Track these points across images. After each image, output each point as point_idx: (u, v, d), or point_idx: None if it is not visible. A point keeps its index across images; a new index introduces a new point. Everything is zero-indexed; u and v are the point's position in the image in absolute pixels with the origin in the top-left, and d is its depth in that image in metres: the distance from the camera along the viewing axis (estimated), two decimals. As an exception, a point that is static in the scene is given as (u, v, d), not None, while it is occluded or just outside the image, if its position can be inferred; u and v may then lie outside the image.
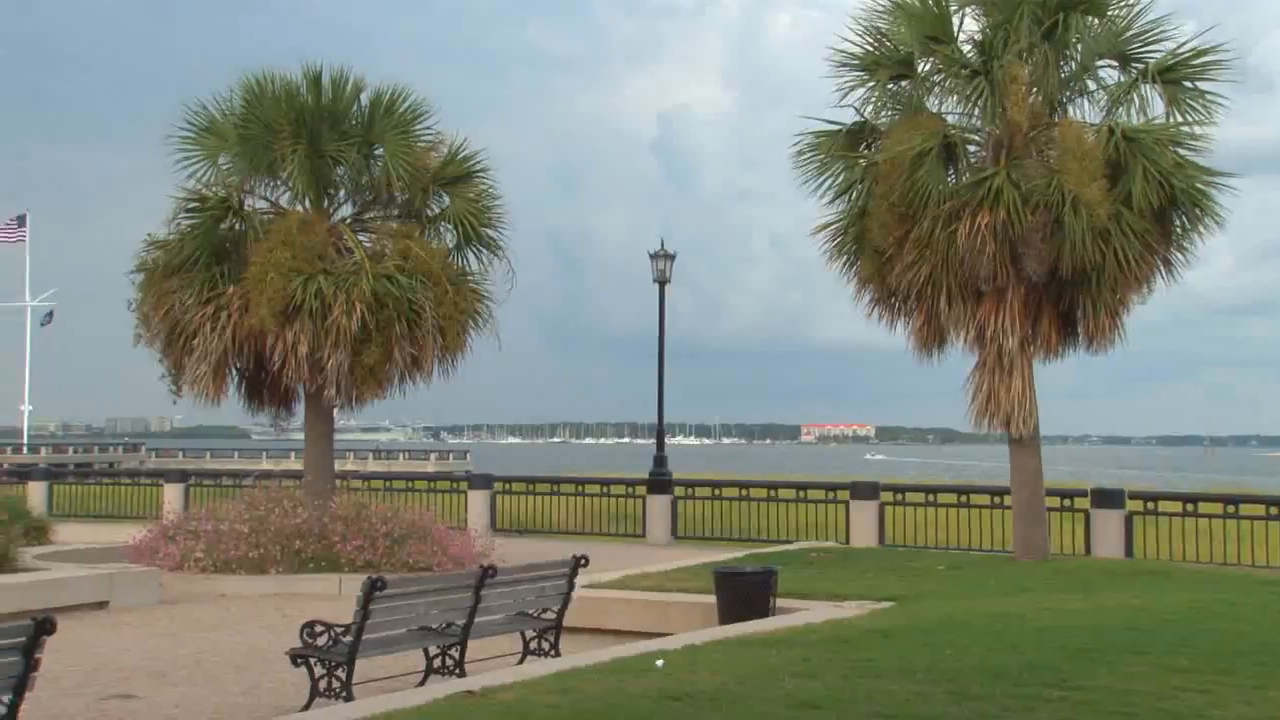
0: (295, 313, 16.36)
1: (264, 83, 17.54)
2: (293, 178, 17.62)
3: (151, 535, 17.20)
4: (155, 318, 17.34)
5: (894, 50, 16.41)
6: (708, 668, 8.20)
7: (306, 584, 15.66)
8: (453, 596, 9.73)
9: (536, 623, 10.73)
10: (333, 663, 8.87)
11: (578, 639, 11.81)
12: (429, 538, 16.62)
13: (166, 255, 17.32)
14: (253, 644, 12.18)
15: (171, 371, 17.60)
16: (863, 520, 20.32)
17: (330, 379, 16.62)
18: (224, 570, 15.92)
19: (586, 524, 23.31)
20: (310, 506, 16.86)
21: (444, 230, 18.46)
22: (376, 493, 22.71)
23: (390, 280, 16.75)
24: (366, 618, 8.83)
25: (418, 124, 18.07)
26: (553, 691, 7.42)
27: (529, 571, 10.90)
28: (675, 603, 12.76)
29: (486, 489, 23.78)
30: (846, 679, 7.71)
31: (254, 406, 18.70)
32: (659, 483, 23.10)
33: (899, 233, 15.74)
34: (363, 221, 18.51)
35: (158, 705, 9.45)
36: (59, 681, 10.00)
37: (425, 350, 17.20)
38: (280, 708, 9.30)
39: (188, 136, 17.76)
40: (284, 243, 16.55)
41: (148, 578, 15.22)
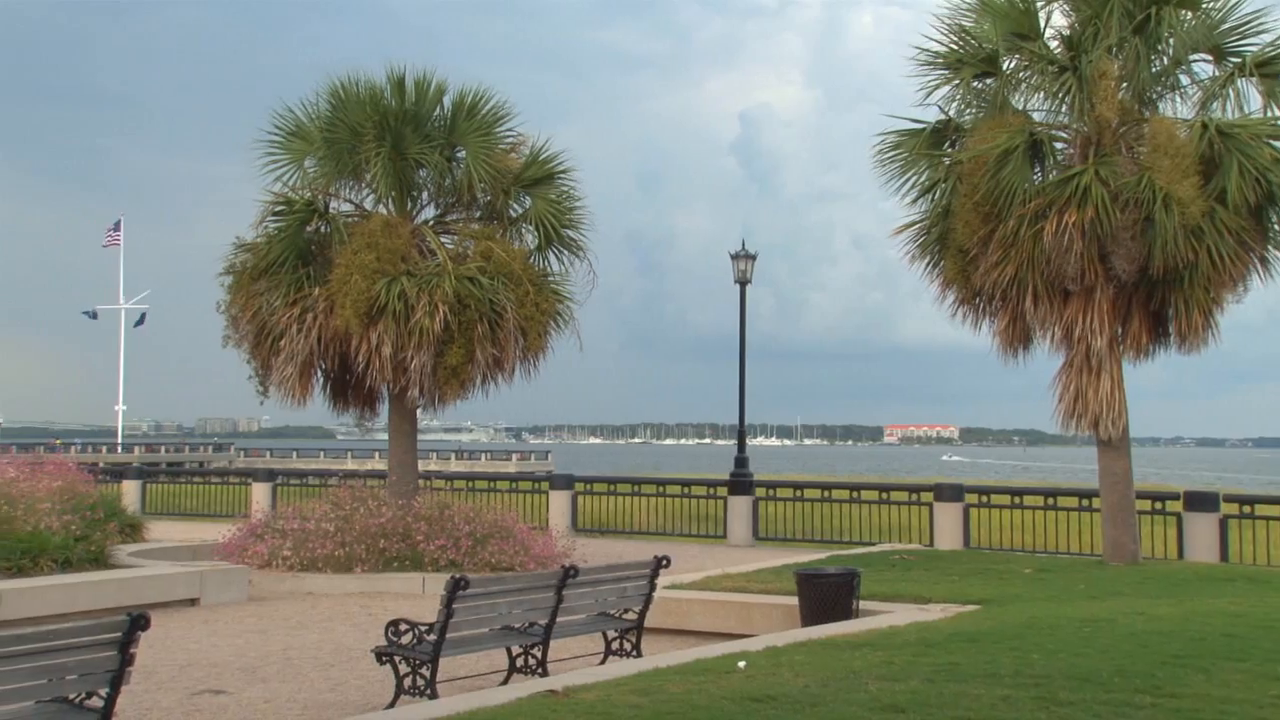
0: (379, 314, 16.54)
1: (349, 86, 17.77)
2: (376, 180, 17.83)
3: (240, 534, 17.50)
4: (243, 319, 17.64)
5: (979, 48, 16.20)
6: (790, 670, 8.14)
7: (390, 583, 15.83)
8: (535, 596, 9.77)
9: (618, 623, 10.73)
10: (417, 661, 8.95)
11: (659, 640, 11.81)
12: (511, 537, 16.72)
13: (254, 258, 17.61)
14: (339, 641, 12.33)
15: (259, 372, 17.88)
16: (947, 522, 20.08)
17: (413, 379, 16.78)
18: (310, 568, 16.14)
19: (667, 525, 23.31)
20: (394, 506, 17.04)
21: (525, 231, 18.55)
22: (459, 493, 22.96)
23: (472, 281, 16.88)
24: (450, 617, 8.89)
25: (499, 126, 18.20)
26: (635, 692, 7.41)
27: (611, 572, 10.90)
28: (757, 604, 12.69)
29: (568, 489, 23.87)
30: (931, 683, 7.60)
31: (339, 407, 18.95)
32: (740, 483, 23.02)
33: (984, 232, 15.53)
34: (445, 223, 18.67)
35: (248, 701, 9.60)
36: (153, 675, 10.22)
37: (507, 351, 17.29)
38: (366, 705, 9.40)
39: (275, 140, 18.06)
40: (368, 245, 16.74)
41: (237, 575, 15.48)
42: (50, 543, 14.69)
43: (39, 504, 15.46)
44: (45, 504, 15.58)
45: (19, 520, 14.81)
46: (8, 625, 11.88)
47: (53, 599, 13.04)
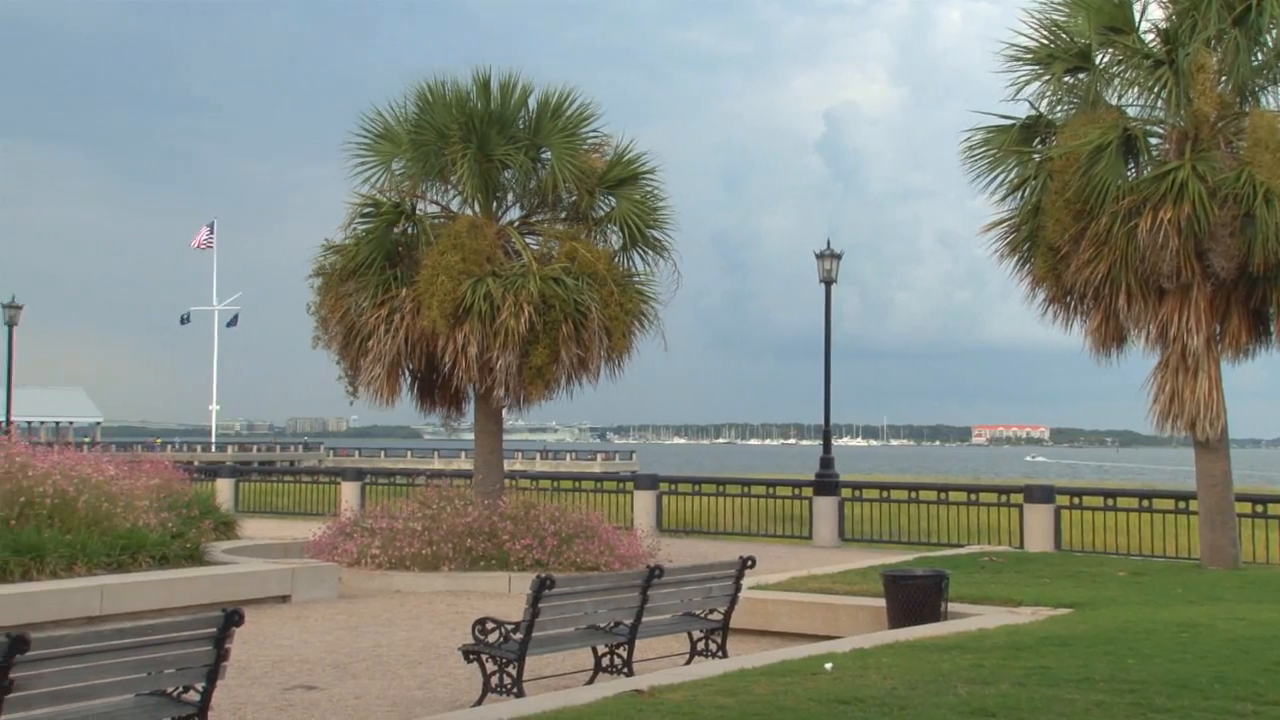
0: (465, 315, 16.67)
1: (436, 89, 17.94)
2: (462, 181, 17.98)
3: (330, 532, 17.76)
4: (332, 320, 17.88)
5: (1070, 42, 15.92)
6: (878, 672, 8.05)
7: (477, 581, 15.96)
8: (620, 596, 9.78)
9: (703, 623, 10.71)
10: (503, 659, 9.00)
11: (744, 640, 11.77)
12: (596, 537, 16.77)
13: (343, 259, 17.84)
14: (426, 639, 12.45)
15: (348, 373, 18.11)
16: (1038, 524, 19.75)
17: (499, 380, 16.89)
18: (398, 566, 16.33)
19: (752, 525, 23.22)
20: (480, 505, 17.18)
21: (610, 232, 18.59)
22: (544, 492, 23.08)
23: (557, 282, 16.95)
24: (536, 616, 8.93)
25: (584, 127, 18.25)
26: (721, 692, 7.39)
27: (696, 572, 10.88)
28: (843, 605, 12.59)
29: (652, 489, 23.88)
30: (1022, 687, 7.48)
31: (425, 407, 19.12)
32: (826, 484, 22.86)
33: (1075, 230, 15.25)
34: (530, 224, 18.78)
35: (338, 697, 9.74)
36: (247, 671, 10.40)
37: (591, 351, 17.33)
38: (454, 702, 9.49)
39: (364, 143, 18.28)
40: (454, 246, 16.88)
41: (327, 573, 15.71)
42: (148, 539, 15.01)
43: (137, 501, 15.80)
44: (143, 501, 15.93)
45: (118, 517, 15.16)
46: (108, 620, 12.20)
47: (150, 595, 13.34)
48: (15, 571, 13.29)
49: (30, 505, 14.44)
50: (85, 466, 15.98)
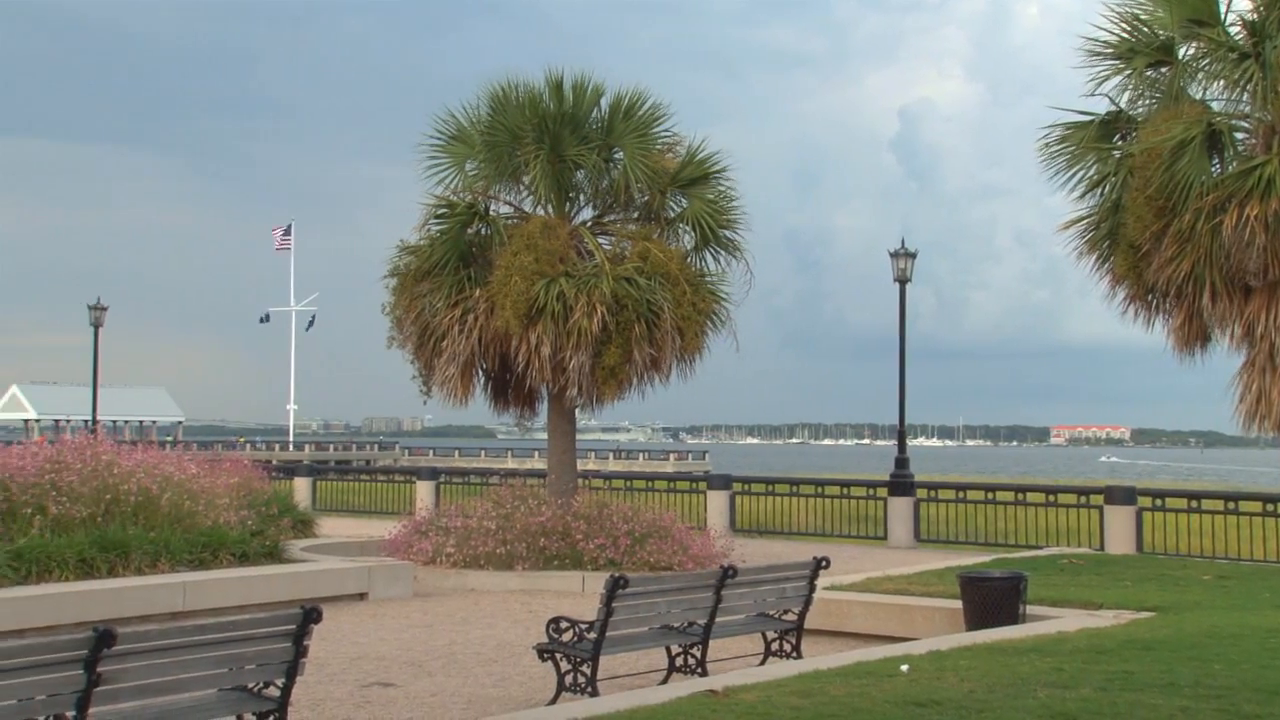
0: (538, 315, 16.74)
1: (509, 90, 18.03)
2: (535, 182, 18.07)
3: (405, 531, 17.92)
4: (407, 321, 18.04)
5: (1153, 36, 15.63)
6: (955, 674, 7.96)
7: (551, 580, 16.02)
8: (694, 596, 9.76)
9: (777, 624, 10.66)
10: (577, 658, 9.03)
11: (819, 641, 11.70)
12: (669, 537, 16.75)
13: (417, 260, 18.00)
14: (501, 638, 12.53)
15: (422, 373, 18.26)
16: (1119, 525, 19.41)
17: (572, 379, 16.94)
18: (473, 565, 16.44)
19: (826, 525, 23.07)
20: (554, 505, 17.24)
21: (682, 232, 18.57)
22: (617, 492, 23.08)
23: (630, 282, 16.96)
24: (609, 615, 8.94)
25: (656, 126, 18.25)
26: (795, 693, 7.34)
27: (770, 572, 10.83)
28: (919, 607, 12.46)
29: (726, 489, 23.82)
30: (1104, 691, 7.35)
31: (499, 407, 19.23)
32: (901, 484, 22.65)
33: (1157, 227, 14.96)
34: (602, 224, 18.82)
35: (415, 694, 9.82)
36: (325, 667, 10.53)
37: (664, 351, 17.32)
38: (528, 700, 9.53)
39: (437, 145, 18.43)
40: (527, 246, 16.96)
41: (403, 571, 15.86)
42: (228, 537, 15.27)
43: (218, 500, 16.08)
44: (224, 500, 16.21)
45: (200, 515, 15.44)
46: (190, 616, 12.42)
47: (231, 591, 13.56)
48: (102, 568, 13.58)
49: (116, 503, 14.75)
50: (168, 465, 16.29)
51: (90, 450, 15.54)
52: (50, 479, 14.59)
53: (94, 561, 13.57)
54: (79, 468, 14.94)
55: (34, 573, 12.99)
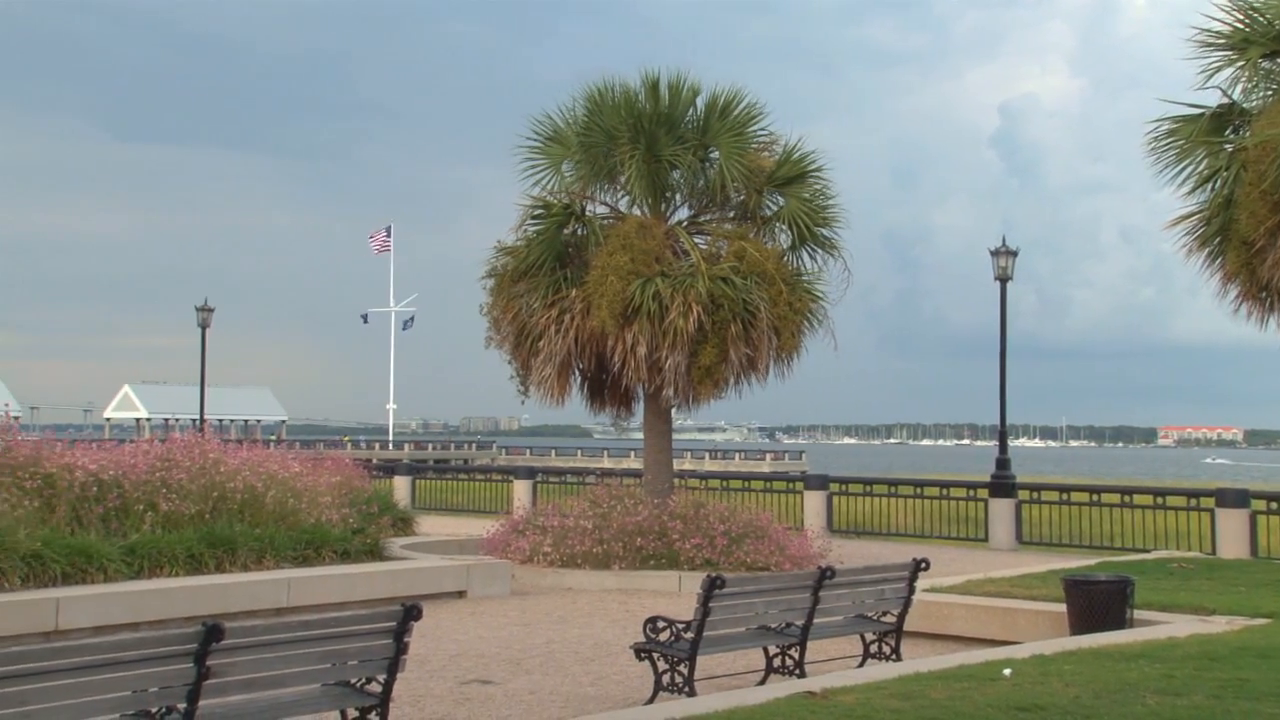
0: (634, 315, 16.77)
1: (605, 91, 18.11)
2: (631, 182, 18.10)
3: (503, 529, 18.07)
4: (504, 321, 18.19)
5: (1268, 25, 15.15)
6: (1059, 679, 7.80)
7: (647, 580, 16.04)
8: (791, 596, 9.70)
9: (876, 625, 10.55)
10: (674, 658, 9.02)
11: (918, 644, 11.56)
12: (766, 537, 16.68)
13: (514, 261, 18.14)
14: (598, 637, 12.57)
15: (519, 372, 18.40)
16: (1231, 529, 18.87)
17: (668, 379, 16.94)
18: (570, 564, 16.53)
19: (925, 527, 22.80)
20: (650, 505, 17.25)
21: (779, 231, 18.48)
22: (713, 492, 23.07)
23: (725, 282, 16.92)
24: (706, 615, 8.92)
25: (752, 125, 18.19)
26: (895, 696, 7.26)
27: (868, 573, 10.73)
28: (1022, 610, 12.24)
29: (823, 489, 23.65)
30: (1217, 699, 7.15)
31: (595, 406, 19.30)
32: (1002, 485, 22.29)
33: (1272, 222, 14.49)
34: (698, 224, 18.80)
35: (514, 691, 9.90)
36: (425, 664, 10.66)
37: (760, 351, 17.25)
38: (626, 699, 9.54)
39: (534, 146, 18.57)
40: (623, 246, 17.01)
41: (501, 570, 16.00)
42: (330, 535, 15.53)
43: (320, 498, 16.37)
44: (326, 498, 16.49)
45: (303, 513, 15.73)
46: (293, 611, 12.66)
47: (333, 588, 13.79)
48: (209, 563, 13.91)
49: (223, 500, 15.10)
50: (272, 463, 16.63)
51: (198, 449, 15.93)
52: (161, 477, 14.98)
53: (202, 557, 13.90)
54: (188, 465, 15.32)
55: (146, 568, 13.35)
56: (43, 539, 12.66)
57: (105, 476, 14.50)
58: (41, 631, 11.27)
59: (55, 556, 12.50)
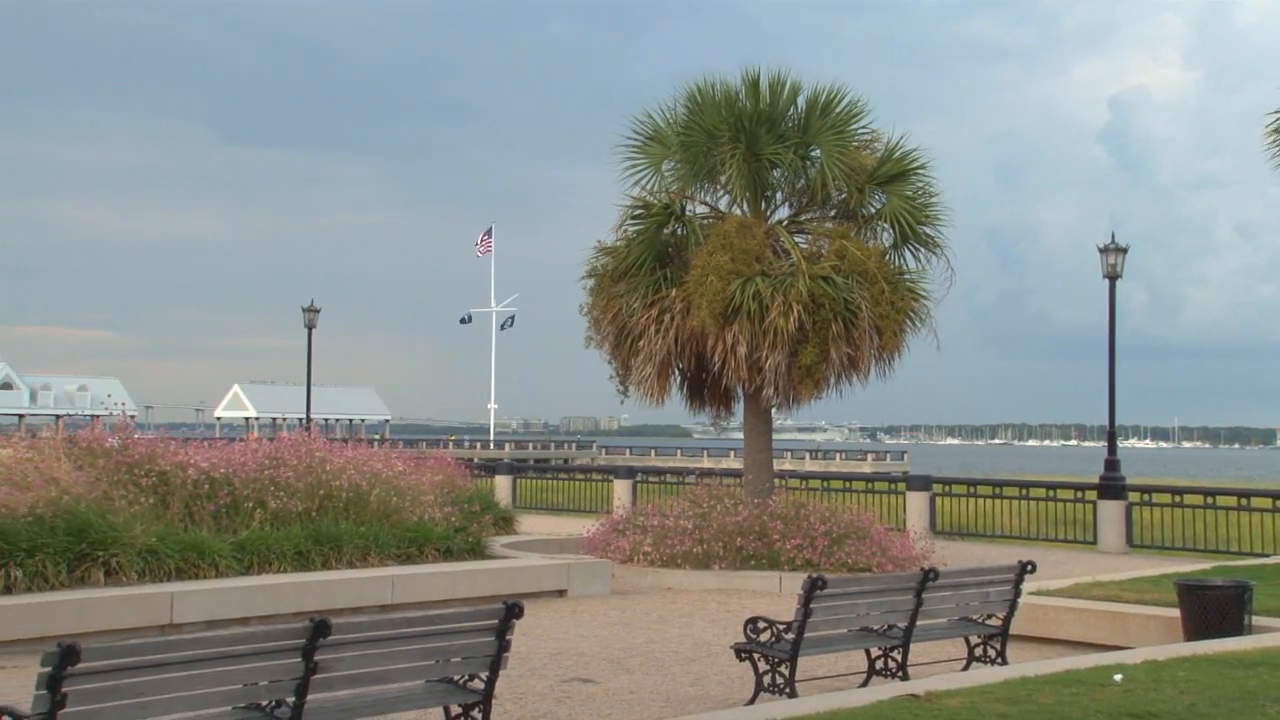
0: (734, 314, 16.72)
1: (705, 90, 18.08)
2: (731, 182, 18.05)
3: (603, 529, 18.13)
4: (604, 321, 18.26)
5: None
6: (1173, 686, 7.60)
7: (747, 580, 15.97)
8: (893, 598, 9.60)
9: (981, 628, 10.38)
10: (775, 659, 8.97)
11: (1024, 648, 11.35)
12: (868, 538, 16.51)
13: (614, 261, 18.20)
14: (698, 637, 12.55)
15: (619, 372, 18.45)
16: (1352, 534, 18.22)
17: (768, 379, 16.86)
18: (670, 564, 16.52)
19: (1031, 529, 22.37)
20: (750, 505, 17.18)
21: (880, 229, 18.30)
22: (814, 492, 22.88)
23: (826, 281, 16.79)
24: (807, 616, 8.85)
25: (854, 123, 18.04)
26: (1002, 700, 7.13)
27: (973, 575, 10.57)
28: (1133, 614, 11.95)
29: (925, 490, 23.34)
30: (1340, 710, 6.90)
31: (695, 406, 19.28)
32: (1111, 487, 21.79)
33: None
34: (799, 223, 18.68)
35: (614, 690, 9.92)
36: (526, 662, 10.73)
37: (862, 350, 17.10)
38: (726, 700, 9.51)
39: (634, 146, 18.59)
40: (723, 246, 16.96)
41: (601, 569, 16.05)
42: (433, 533, 15.73)
43: (423, 496, 16.58)
44: (429, 496, 16.70)
45: (406, 511, 15.95)
46: (397, 609, 12.85)
47: (436, 586, 13.96)
48: (316, 560, 14.17)
49: (329, 498, 15.38)
50: (376, 462, 16.90)
51: (305, 448, 16.24)
52: (269, 475, 15.31)
53: (309, 554, 14.17)
54: (295, 464, 15.64)
55: (255, 564, 13.65)
56: (158, 535, 13.02)
57: (216, 474, 14.87)
58: (157, 625, 11.60)
59: (169, 552, 12.84)
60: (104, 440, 15.12)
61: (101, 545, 12.39)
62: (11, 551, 11.81)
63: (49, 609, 11.20)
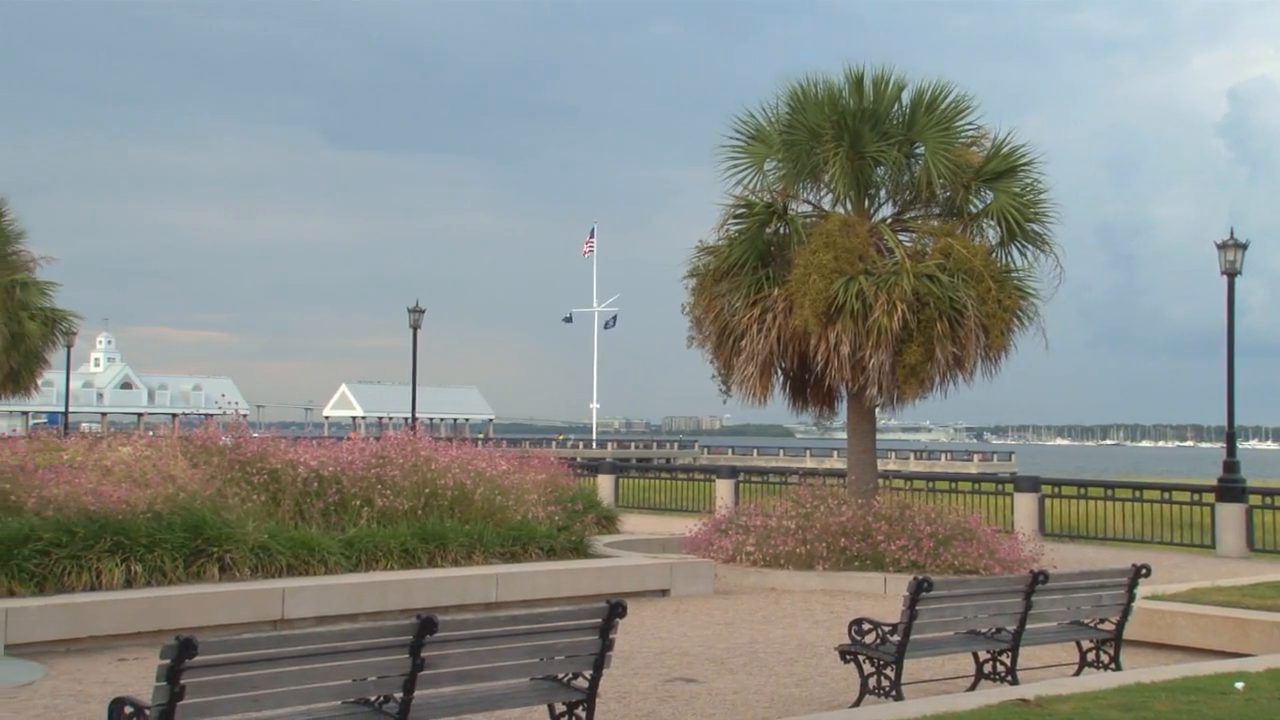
0: (837, 313, 16.58)
1: (808, 88, 17.94)
2: (834, 180, 17.89)
3: (706, 529, 18.11)
4: (706, 320, 18.22)
5: None
6: (1297, 696, 7.35)
7: (851, 581, 15.83)
8: (1001, 601, 9.43)
9: (1093, 633, 10.15)
10: (881, 661, 8.87)
11: (1139, 653, 11.09)
12: (975, 540, 16.27)
13: (716, 260, 18.15)
14: (802, 638, 12.47)
15: (721, 372, 18.40)
16: None
17: (871, 378, 16.69)
18: (773, 564, 16.45)
19: (1145, 531, 21.83)
20: (854, 505, 17.04)
21: (987, 227, 18.01)
22: (918, 493, 22.61)
23: (931, 279, 16.58)
24: (913, 618, 8.74)
25: (960, 120, 17.77)
26: (1115, 707, 6.97)
27: (1084, 579, 10.33)
28: (1255, 621, 11.58)
29: (1034, 492, 22.92)
30: None
31: (798, 406, 19.14)
32: (1230, 490, 21.18)
33: None
34: (903, 221, 18.47)
35: (718, 690, 9.90)
36: (630, 661, 10.76)
37: (967, 349, 16.84)
38: (831, 702, 9.44)
39: (736, 145, 18.52)
40: (826, 245, 16.83)
41: (704, 569, 16.03)
42: (537, 531, 15.85)
43: (527, 495, 16.72)
44: (532, 495, 16.83)
45: (510, 510, 16.10)
46: (501, 606, 12.97)
47: (539, 584, 14.06)
48: (422, 558, 14.36)
49: (434, 496, 15.59)
50: (480, 461, 17.08)
51: (410, 446, 16.48)
52: (376, 473, 15.57)
53: (415, 552, 14.36)
54: (401, 463, 15.88)
55: (363, 561, 13.88)
56: (269, 532, 13.31)
57: (325, 473, 15.16)
58: (269, 620, 11.85)
59: (281, 549, 13.12)
60: (218, 439, 15.52)
61: (216, 541, 12.70)
62: (132, 546, 12.16)
63: (167, 603, 11.51)
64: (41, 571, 11.64)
